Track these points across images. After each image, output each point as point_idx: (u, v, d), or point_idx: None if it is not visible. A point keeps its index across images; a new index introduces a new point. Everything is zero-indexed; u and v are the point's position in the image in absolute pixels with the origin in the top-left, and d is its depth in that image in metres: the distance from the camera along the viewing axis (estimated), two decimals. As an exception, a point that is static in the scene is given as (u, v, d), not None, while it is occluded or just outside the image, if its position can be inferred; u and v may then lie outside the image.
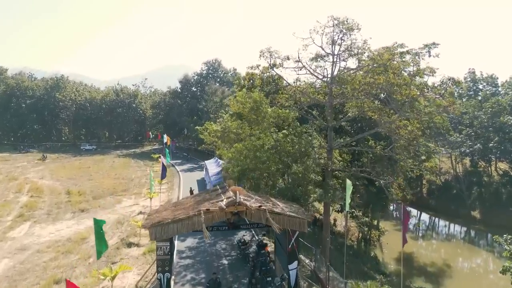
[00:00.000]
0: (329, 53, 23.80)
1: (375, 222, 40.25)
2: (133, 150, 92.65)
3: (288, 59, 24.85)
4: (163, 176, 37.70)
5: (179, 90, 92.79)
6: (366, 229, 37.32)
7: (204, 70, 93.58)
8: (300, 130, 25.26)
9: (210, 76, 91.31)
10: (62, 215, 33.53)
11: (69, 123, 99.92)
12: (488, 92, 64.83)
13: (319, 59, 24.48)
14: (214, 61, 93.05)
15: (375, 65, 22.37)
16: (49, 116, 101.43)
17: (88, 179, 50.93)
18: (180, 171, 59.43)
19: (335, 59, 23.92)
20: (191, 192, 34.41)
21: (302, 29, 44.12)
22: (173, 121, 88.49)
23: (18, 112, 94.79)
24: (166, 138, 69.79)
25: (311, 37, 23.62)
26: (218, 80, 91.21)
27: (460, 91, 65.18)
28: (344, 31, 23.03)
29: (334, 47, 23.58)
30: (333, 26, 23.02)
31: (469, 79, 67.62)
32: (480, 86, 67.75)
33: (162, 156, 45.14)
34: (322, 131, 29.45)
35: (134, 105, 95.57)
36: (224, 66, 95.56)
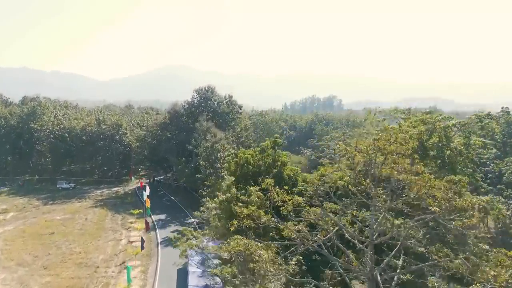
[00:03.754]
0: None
1: None
2: (116, 188, 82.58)
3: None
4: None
5: (168, 121, 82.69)
6: None
7: (195, 99, 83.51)
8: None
9: (202, 106, 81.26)
10: None
11: (46, 156, 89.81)
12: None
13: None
14: (206, 89, 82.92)
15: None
16: (25, 147, 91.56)
17: (43, 266, 40.90)
18: (161, 241, 49.42)
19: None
20: None
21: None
22: (161, 158, 78.61)
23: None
24: (136, 181, 60.10)
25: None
26: (211, 111, 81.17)
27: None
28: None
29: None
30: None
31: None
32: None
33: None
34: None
35: (117, 137, 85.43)
36: (217, 93, 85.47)
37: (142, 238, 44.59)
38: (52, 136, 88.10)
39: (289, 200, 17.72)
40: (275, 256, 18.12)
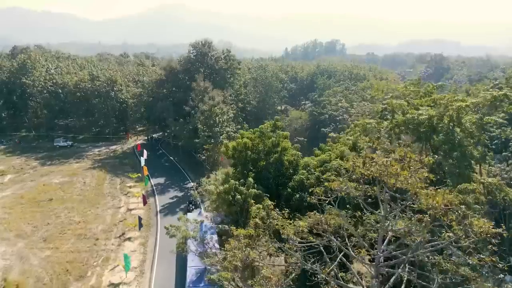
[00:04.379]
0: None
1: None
2: (114, 147, 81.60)
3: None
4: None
5: (164, 78, 79.44)
6: None
7: (192, 53, 79.51)
8: None
9: (199, 62, 77.51)
10: None
11: (42, 112, 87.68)
12: None
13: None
14: (203, 43, 78.58)
15: None
16: (19, 102, 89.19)
17: (42, 238, 40.91)
18: (161, 209, 49.28)
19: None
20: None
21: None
22: (158, 117, 76.69)
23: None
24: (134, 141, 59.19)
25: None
26: (209, 67, 77.70)
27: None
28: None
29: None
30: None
31: None
32: None
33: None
34: None
35: (112, 93, 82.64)
36: (215, 47, 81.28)
37: (139, 217, 43.68)
38: (45, 91, 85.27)
39: (290, 224, 16.46)
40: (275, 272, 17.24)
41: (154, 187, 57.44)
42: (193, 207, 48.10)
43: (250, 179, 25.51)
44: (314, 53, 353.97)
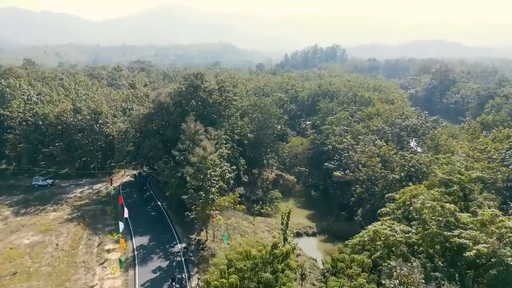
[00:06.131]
0: None
1: None
2: (99, 185, 74.68)
3: None
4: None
5: (153, 111, 72.51)
6: None
7: (183, 85, 72.51)
8: None
9: (191, 95, 70.54)
10: None
11: (20, 145, 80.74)
12: None
13: None
14: (195, 75, 71.61)
15: None
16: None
17: None
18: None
19: None
20: None
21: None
22: (145, 156, 69.93)
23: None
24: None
25: None
26: (201, 101, 70.86)
27: None
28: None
29: None
30: None
31: None
32: None
33: None
34: None
35: (96, 127, 75.76)
36: (207, 78, 74.44)
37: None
38: (24, 123, 78.43)
39: None
40: None
41: (136, 252, 50.49)
42: (178, 286, 41.54)
43: None
44: (315, 59, 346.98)
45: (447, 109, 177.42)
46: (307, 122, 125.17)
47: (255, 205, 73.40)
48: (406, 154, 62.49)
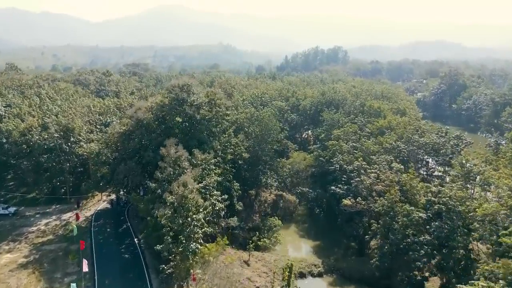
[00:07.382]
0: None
1: None
2: (68, 215, 63.93)
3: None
4: None
5: (131, 129, 61.90)
6: None
7: (167, 99, 61.99)
8: None
9: (175, 111, 59.98)
10: None
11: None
12: None
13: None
14: (181, 87, 60.99)
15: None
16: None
17: None
18: None
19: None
20: None
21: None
22: (121, 182, 59.50)
23: None
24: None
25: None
26: (188, 117, 60.28)
27: None
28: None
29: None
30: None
31: None
32: None
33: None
34: None
35: (66, 147, 65.20)
36: (195, 89, 63.82)
37: None
38: (-15, 142, 68.01)
39: None
40: None
41: None
42: None
43: None
44: (316, 61, 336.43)
45: (458, 116, 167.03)
46: (309, 132, 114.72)
47: (251, 235, 63.21)
48: (432, 186, 51.69)
